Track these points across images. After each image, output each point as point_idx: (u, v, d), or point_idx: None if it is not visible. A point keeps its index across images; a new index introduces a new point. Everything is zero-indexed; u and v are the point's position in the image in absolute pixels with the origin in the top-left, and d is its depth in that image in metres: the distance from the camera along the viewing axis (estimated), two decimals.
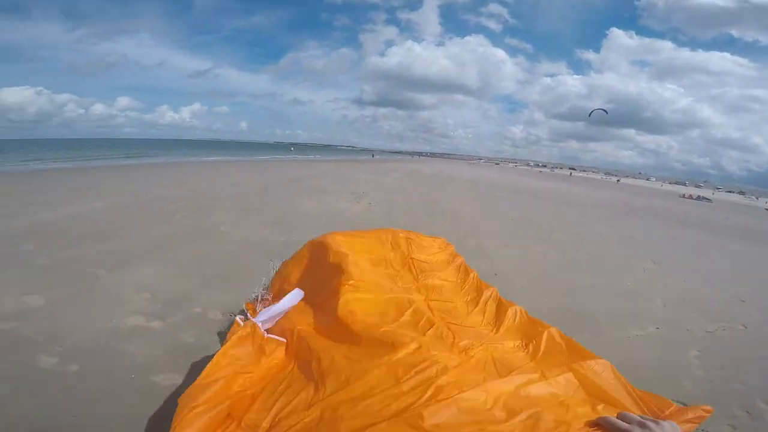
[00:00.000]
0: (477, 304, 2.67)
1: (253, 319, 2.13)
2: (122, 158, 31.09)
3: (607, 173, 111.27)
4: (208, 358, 3.12)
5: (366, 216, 9.75)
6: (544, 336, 2.21)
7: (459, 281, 3.00)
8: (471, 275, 3.07)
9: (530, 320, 2.52)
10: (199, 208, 9.11)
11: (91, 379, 2.83)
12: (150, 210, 8.63)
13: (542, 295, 5.38)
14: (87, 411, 2.50)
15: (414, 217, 10.12)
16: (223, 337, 3.43)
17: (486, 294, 2.76)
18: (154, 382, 2.83)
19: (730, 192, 74.70)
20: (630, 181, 77.44)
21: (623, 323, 4.72)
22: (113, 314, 3.79)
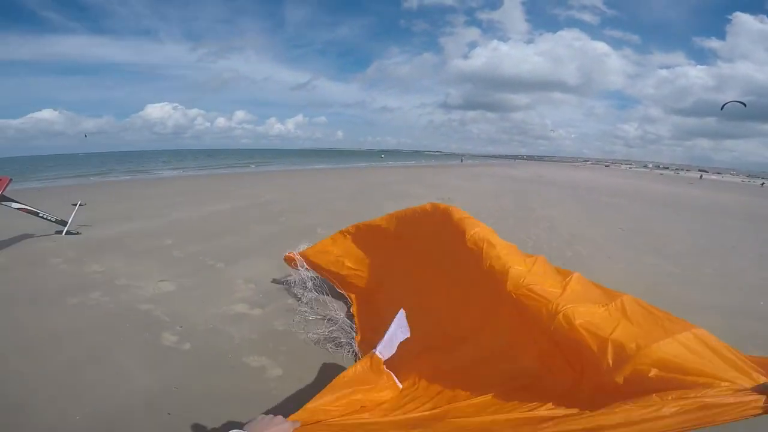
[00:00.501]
0: None
1: (375, 351, 2.24)
2: (240, 167, 35.90)
3: (750, 175, 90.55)
4: (292, 344, 3.43)
5: None
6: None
7: None
8: None
9: None
10: (299, 211, 10.04)
11: (197, 356, 3.28)
12: (261, 212, 9.82)
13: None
14: (187, 383, 2.90)
15: (505, 224, 9.27)
16: (311, 326, 3.78)
17: None
18: (244, 362, 3.20)
19: None
20: None
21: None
22: (224, 301, 4.38)
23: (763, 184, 50.24)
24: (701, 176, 62.91)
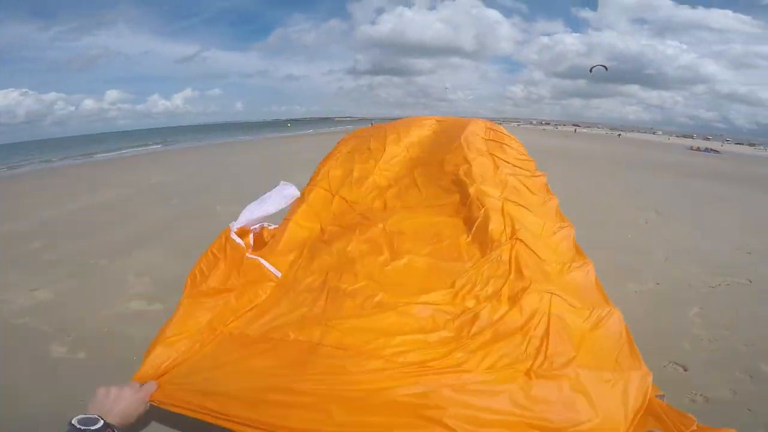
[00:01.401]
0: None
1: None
2: (118, 150, 30.78)
3: (612, 129, 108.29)
4: None
5: None
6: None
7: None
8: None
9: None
10: (196, 191, 9.14)
11: (97, 364, 2.99)
12: (148, 198, 8.72)
13: None
14: (92, 392, 2.59)
15: None
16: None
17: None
18: None
19: (739, 144, 70.78)
20: (635, 135, 75.04)
21: (622, 279, 4.64)
22: (115, 301, 3.95)
23: (619, 135, 63.49)
24: (575, 130, 73.71)
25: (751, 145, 67.24)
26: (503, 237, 1.55)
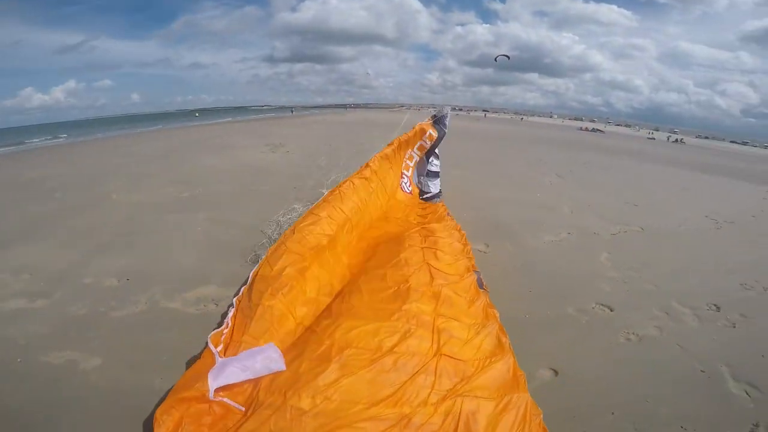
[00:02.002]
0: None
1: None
2: None
3: (516, 113, 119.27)
4: (104, 328, 2.86)
5: (282, 162, 9.30)
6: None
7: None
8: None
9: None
10: (84, 182, 7.79)
11: None
12: (23, 193, 7.19)
13: (461, 209, 5.67)
14: None
15: (336, 157, 9.93)
16: (119, 302, 3.21)
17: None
18: (44, 362, 2.53)
19: (618, 125, 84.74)
20: (535, 119, 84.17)
21: (538, 231, 5.16)
22: None
23: (522, 118, 71.54)
24: (485, 114, 79.95)
25: (628, 126, 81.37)
26: (430, 353, 2.14)
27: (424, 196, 5.44)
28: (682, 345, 2.92)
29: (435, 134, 5.32)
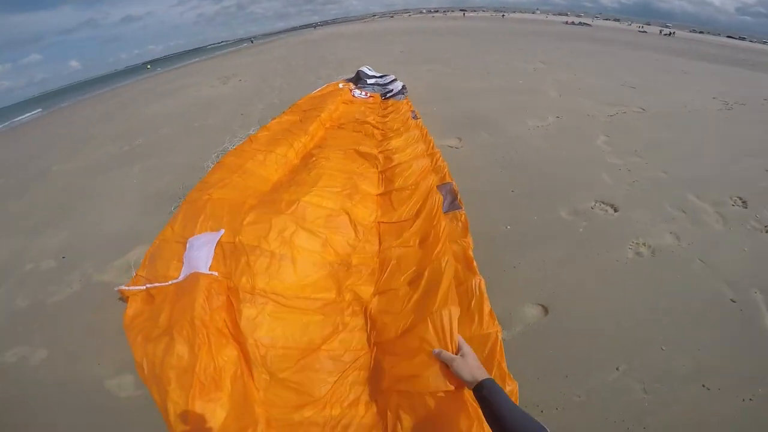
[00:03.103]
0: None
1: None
2: None
3: (496, 10, 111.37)
4: (44, 317, 2.58)
5: (233, 93, 8.31)
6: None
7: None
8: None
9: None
10: (21, 163, 6.84)
11: None
12: None
13: (433, 102, 5.12)
14: None
15: (293, 76, 9.07)
16: (56, 285, 2.84)
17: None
18: (1, 362, 2.26)
19: (607, 20, 79.54)
20: (516, 15, 78.26)
21: (521, 117, 4.49)
22: None
23: (503, 15, 66.79)
24: (464, 14, 75.05)
25: (617, 20, 76.00)
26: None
27: (386, 96, 4.80)
28: (706, 260, 2.25)
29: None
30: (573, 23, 42.35)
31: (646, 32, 37.08)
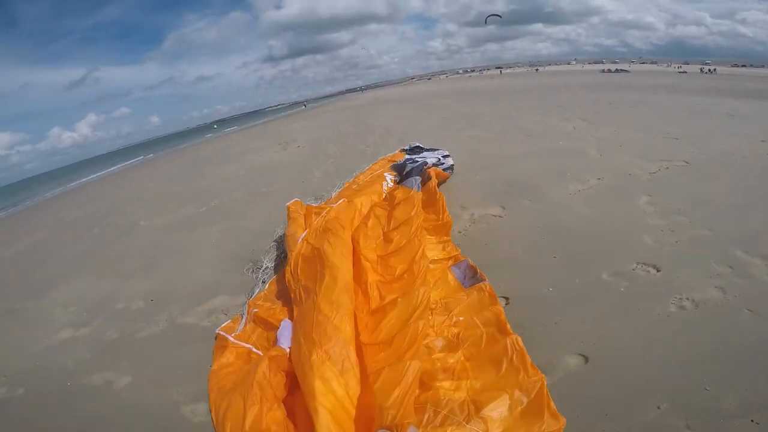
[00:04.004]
0: None
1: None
2: (28, 198, 26.23)
3: (531, 65, 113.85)
4: (132, 349, 3.05)
5: (293, 159, 9.24)
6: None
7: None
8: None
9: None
10: (116, 214, 8.13)
11: (35, 397, 2.84)
12: (68, 233, 7.64)
13: (475, 171, 5.36)
14: (34, 423, 2.57)
15: (344, 144, 9.85)
16: (144, 323, 3.42)
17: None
18: (86, 384, 2.82)
19: (644, 63, 78.14)
20: (552, 68, 79.66)
21: (562, 181, 4.57)
22: (45, 335, 3.63)
23: (536, 70, 69.50)
24: (500, 72, 76.75)
25: (654, 62, 74.15)
26: None
27: (401, 182, 4.71)
28: (754, 309, 2.25)
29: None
30: (610, 71, 42.30)
31: (686, 72, 36.22)
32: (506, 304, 2.53)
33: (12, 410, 2.78)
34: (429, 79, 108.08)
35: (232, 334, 2.67)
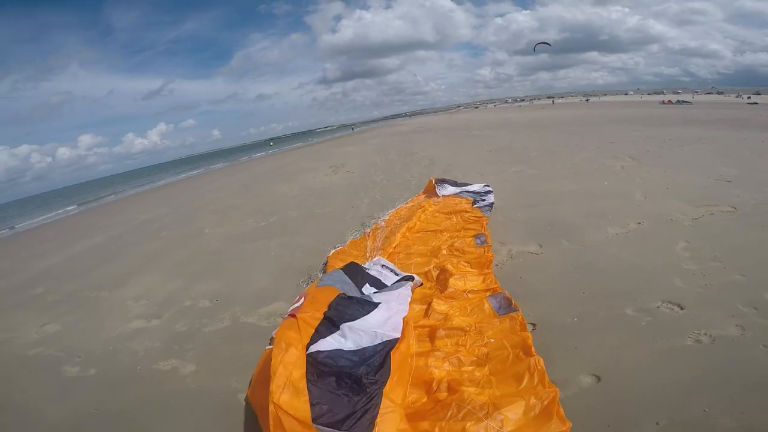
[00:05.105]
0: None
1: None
2: (103, 197, 29.69)
3: (585, 95, 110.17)
4: (198, 341, 3.51)
5: (343, 183, 9.90)
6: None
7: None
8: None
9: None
10: (182, 221, 9.20)
11: (106, 377, 3.24)
12: (138, 234, 8.77)
13: (515, 209, 5.53)
14: (104, 402, 2.90)
15: (391, 172, 10.33)
16: (210, 319, 3.92)
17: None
18: (154, 369, 3.24)
19: (709, 93, 71.17)
20: (607, 98, 76.25)
21: (601, 223, 4.62)
22: (118, 323, 4.18)
23: (587, 100, 66.61)
24: (553, 101, 74.47)
25: (720, 93, 67.33)
26: None
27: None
28: None
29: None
30: (671, 102, 39.61)
31: (756, 103, 32.96)
32: (533, 329, 2.78)
33: (83, 388, 3.13)
34: (476, 107, 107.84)
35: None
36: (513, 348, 2.45)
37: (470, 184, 6.50)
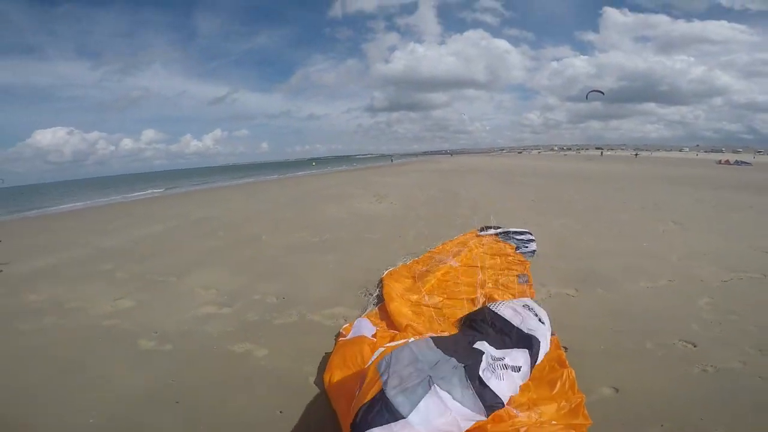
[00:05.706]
0: None
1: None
2: (157, 190, 32.69)
3: (636, 148, 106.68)
4: (268, 330, 3.95)
5: (387, 213, 10.44)
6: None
7: None
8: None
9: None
10: (237, 224, 10.01)
11: (182, 352, 3.56)
12: (195, 229, 9.59)
13: (558, 258, 5.78)
14: (181, 375, 3.19)
15: (434, 210, 10.68)
16: (278, 313, 4.32)
17: None
18: (229, 350, 3.58)
19: None
20: (660, 154, 73.82)
21: (635, 278, 4.89)
22: (190, 307, 4.61)
23: (636, 155, 62.96)
24: (602, 153, 71.94)
25: None
26: None
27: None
28: (765, 376, 2.82)
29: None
30: (728, 162, 37.47)
31: None
32: (565, 351, 3.16)
33: (160, 360, 3.39)
34: (519, 152, 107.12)
35: (348, 335, 3.47)
36: (549, 361, 2.86)
37: (513, 230, 6.86)
